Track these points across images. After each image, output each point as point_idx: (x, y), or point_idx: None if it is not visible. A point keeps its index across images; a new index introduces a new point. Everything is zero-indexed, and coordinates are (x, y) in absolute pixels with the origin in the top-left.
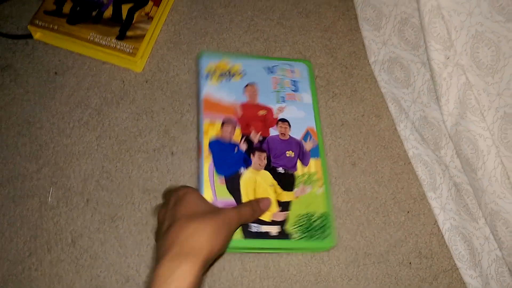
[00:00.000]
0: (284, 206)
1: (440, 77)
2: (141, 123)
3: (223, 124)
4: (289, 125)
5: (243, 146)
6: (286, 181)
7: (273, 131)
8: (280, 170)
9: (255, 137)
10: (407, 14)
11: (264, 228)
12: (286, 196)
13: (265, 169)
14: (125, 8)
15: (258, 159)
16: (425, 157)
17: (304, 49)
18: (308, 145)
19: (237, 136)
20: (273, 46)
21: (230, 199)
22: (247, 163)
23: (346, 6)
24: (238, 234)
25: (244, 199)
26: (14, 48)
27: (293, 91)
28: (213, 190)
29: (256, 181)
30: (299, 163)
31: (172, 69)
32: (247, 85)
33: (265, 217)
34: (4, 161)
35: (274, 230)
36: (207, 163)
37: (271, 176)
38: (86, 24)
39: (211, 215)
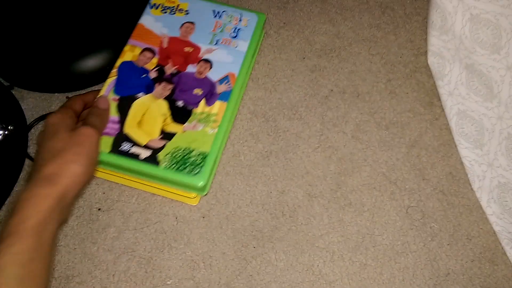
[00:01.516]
0: (167, 136)
1: None
2: (198, 273)
3: (142, 51)
4: (211, 67)
5: (153, 74)
6: (180, 115)
7: (191, 68)
8: (179, 103)
9: (169, 69)
10: None
11: (134, 150)
12: (173, 127)
13: (165, 99)
14: None
15: (162, 88)
16: None
17: (388, 170)
18: (221, 88)
19: (152, 64)
20: (350, 167)
21: (116, 117)
22: (148, 90)
23: (433, 113)
24: (106, 147)
25: (129, 120)
26: None
27: (232, 37)
28: None
29: (148, 107)
30: (202, 102)
31: (232, 199)
32: (185, 23)
33: (142, 140)
34: None
35: (144, 153)
36: (110, 80)
37: (167, 107)
38: None
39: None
